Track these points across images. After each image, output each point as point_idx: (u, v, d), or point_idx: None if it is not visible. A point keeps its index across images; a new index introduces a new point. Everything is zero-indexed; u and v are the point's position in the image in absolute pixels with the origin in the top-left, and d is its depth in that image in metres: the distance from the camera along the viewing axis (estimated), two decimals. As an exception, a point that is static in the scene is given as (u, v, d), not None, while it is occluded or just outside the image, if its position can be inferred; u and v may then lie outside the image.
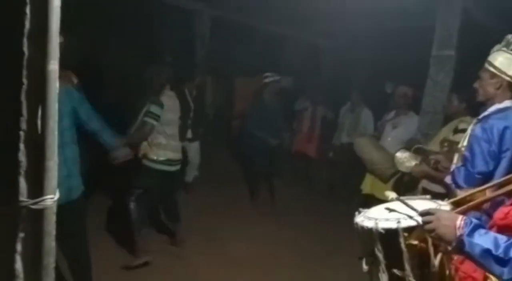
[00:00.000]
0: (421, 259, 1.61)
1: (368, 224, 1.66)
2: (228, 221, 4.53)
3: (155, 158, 3.56)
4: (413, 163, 3.30)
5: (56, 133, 1.35)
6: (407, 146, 3.53)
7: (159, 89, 3.53)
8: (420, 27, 4.38)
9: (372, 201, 4.07)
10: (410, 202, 1.74)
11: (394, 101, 4.27)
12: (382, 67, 6.14)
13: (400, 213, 1.67)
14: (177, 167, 3.79)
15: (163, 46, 6.11)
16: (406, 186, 3.58)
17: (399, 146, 4.00)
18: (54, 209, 1.37)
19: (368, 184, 4.19)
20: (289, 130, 6.13)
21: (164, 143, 3.59)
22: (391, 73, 5.24)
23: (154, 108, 3.41)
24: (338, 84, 6.50)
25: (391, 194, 1.94)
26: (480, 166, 2.17)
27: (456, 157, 2.46)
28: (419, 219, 1.53)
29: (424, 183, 3.30)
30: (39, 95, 1.30)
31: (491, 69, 2.23)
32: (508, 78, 2.19)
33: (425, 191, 3.02)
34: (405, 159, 3.34)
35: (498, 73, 2.21)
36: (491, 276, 1.45)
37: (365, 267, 1.74)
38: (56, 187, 1.38)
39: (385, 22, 5.24)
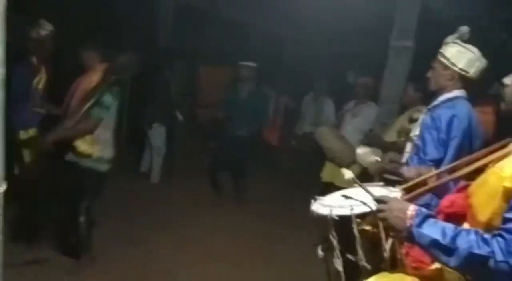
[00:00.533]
0: (373, 243, 1.67)
1: (323, 211, 1.70)
2: (193, 211, 4.50)
3: (99, 156, 3.08)
4: (373, 158, 3.38)
5: (1, 124, 1.30)
6: (366, 140, 3.64)
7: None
8: (381, 18, 4.47)
9: (331, 188, 4.17)
10: (366, 187, 1.80)
11: (355, 90, 4.36)
12: (343, 57, 6.23)
13: (355, 199, 1.71)
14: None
15: (124, 32, 5.94)
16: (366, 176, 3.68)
17: (358, 135, 4.14)
18: (1, 201, 1.33)
19: (327, 172, 4.28)
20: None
21: (110, 140, 3.17)
22: (352, 63, 5.34)
23: (107, 98, 2.99)
24: (300, 74, 6.56)
25: (348, 173, 1.98)
26: (432, 153, 2.26)
27: (409, 146, 2.55)
28: (372, 205, 1.58)
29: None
30: None
31: (443, 60, 2.32)
32: (458, 70, 2.28)
33: (383, 179, 3.12)
34: (366, 155, 3.43)
35: (450, 65, 2.29)
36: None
37: (320, 253, 1.79)
38: (3, 178, 1.32)
39: (346, 12, 5.30)
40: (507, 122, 1.50)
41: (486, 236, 1.22)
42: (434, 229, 1.30)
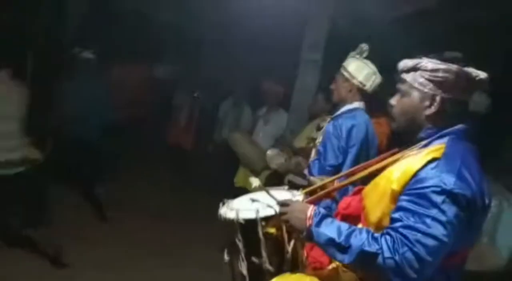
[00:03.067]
0: (276, 246, 1.73)
1: (230, 215, 1.72)
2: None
3: None
4: (282, 160, 3.56)
5: None
6: (276, 144, 3.78)
7: None
8: (294, 30, 4.66)
9: (244, 193, 4.23)
10: (271, 192, 1.86)
11: (265, 97, 4.51)
12: (258, 64, 6.36)
13: (261, 202, 1.76)
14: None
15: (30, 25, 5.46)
16: (276, 178, 3.81)
17: (270, 141, 4.28)
18: None
19: (240, 177, 4.35)
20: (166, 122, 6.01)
21: None
22: (265, 71, 5.47)
23: None
24: (216, 77, 6.56)
25: (255, 181, 2.04)
26: (331, 159, 2.43)
27: (313, 152, 2.70)
28: (276, 208, 1.64)
29: (290, 177, 3.55)
30: None
31: (345, 73, 2.50)
32: (357, 83, 2.48)
33: (290, 183, 3.25)
34: (275, 157, 3.59)
35: (350, 78, 2.48)
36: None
37: (226, 257, 1.80)
38: None
39: (262, 20, 5.44)
40: (398, 134, 1.64)
41: (376, 235, 1.32)
42: (330, 228, 1.38)
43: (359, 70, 2.46)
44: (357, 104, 2.54)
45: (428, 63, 1.38)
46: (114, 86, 5.32)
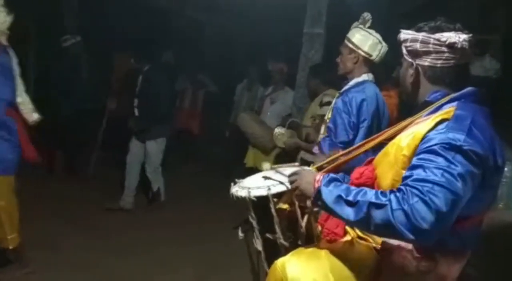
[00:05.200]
0: (290, 221, 1.74)
1: (242, 193, 1.73)
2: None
3: None
4: (290, 138, 3.55)
5: None
6: (283, 122, 3.76)
7: None
8: (295, 5, 4.58)
9: (254, 173, 4.24)
10: (281, 170, 1.86)
11: (271, 76, 4.47)
12: (261, 43, 6.30)
13: (272, 180, 1.76)
14: None
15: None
16: (287, 157, 3.81)
17: (277, 120, 4.26)
18: None
19: (251, 158, 4.36)
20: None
21: None
22: (270, 49, 5.41)
23: None
24: (220, 60, 6.53)
25: (266, 165, 2.05)
26: (342, 136, 2.40)
27: (323, 128, 2.67)
28: (287, 184, 1.64)
29: (302, 154, 3.55)
30: None
31: (349, 44, 2.45)
32: (363, 54, 2.43)
33: (302, 161, 3.25)
34: (282, 135, 3.58)
35: (355, 49, 2.43)
36: (349, 230, 1.62)
37: (240, 234, 1.82)
38: None
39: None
40: (408, 105, 1.64)
41: (386, 191, 1.31)
42: (339, 188, 1.38)
43: (364, 40, 2.41)
44: (365, 76, 2.49)
45: (402, 34, 1.48)
46: (118, 73, 5.32)
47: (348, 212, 1.32)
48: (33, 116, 2.85)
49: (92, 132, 5.21)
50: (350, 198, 1.32)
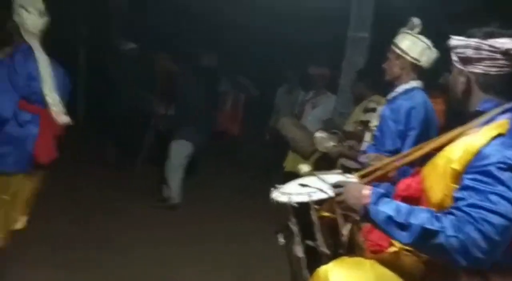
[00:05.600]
0: (331, 229, 1.71)
1: (283, 199, 1.71)
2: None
3: None
4: (330, 143, 3.48)
5: None
6: (325, 127, 3.71)
7: None
8: (339, 7, 4.53)
9: (293, 178, 4.22)
10: (323, 176, 1.83)
11: (313, 81, 4.44)
12: (303, 47, 6.27)
13: (312, 187, 1.74)
14: None
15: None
16: (327, 162, 3.76)
17: (318, 125, 4.22)
18: None
19: (290, 162, 4.34)
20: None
21: None
22: (311, 53, 5.37)
23: None
24: (261, 63, 6.55)
25: (304, 167, 2.02)
26: (389, 144, 2.33)
27: (368, 136, 2.61)
28: (329, 191, 1.61)
29: (343, 160, 3.49)
30: None
31: (396, 50, 2.39)
32: (411, 59, 2.36)
33: (343, 167, 3.20)
34: (323, 140, 3.52)
35: (403, 54, 2.37)
36: (395, 243, 1.58)
37: (281, 240, 1.80)
38: None
39: (305, 1, 5.34)
40: (455, 112, 1.58)
41: (438, 214, 1.26)
42: (389, 207, 1.33)
43: (412, 46, 2.34)
44: (414, 83, 2.41)
45: (452, 41, 1.43)
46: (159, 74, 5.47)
47: (399, 235, 1.29)
48: (62, 118, 2.73)
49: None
50: (401, 220, 1.28)
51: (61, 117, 2.67)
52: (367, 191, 1.41)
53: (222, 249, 3.64)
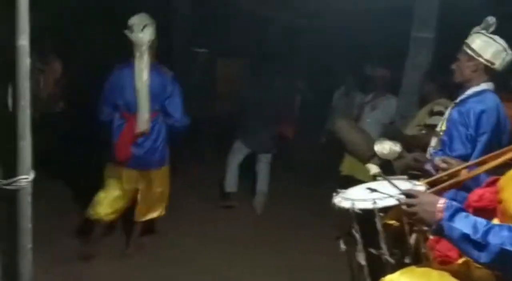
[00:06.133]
0: (396, 238, 1.65)
1: (345, 204, 1.68)
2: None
3: None
4: (393, 151, 3.28)
5: (28, 112, 1.29)
6: (385, 131, 3.58)
7: None
8: (401, 8, 4.39)
9: (351, 182, 4.14)
10: (392, 181, 1.77)
11: (372, 82, 4.32)
12: (361, 49, 6.13)
13: (378, 192, 1.69)
14: None
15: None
16: (385, 168, 3.63)
17: (377, 128, 4.10)
18: (29, 190, 1.33)
19: (346, 166, 4.26)
20: None
21: None
22: (370, 54, 5.25)
23: None
24: (317, 65, 6.48)
25: (373, 168, 1.96)
26: (458, 150, 2.21)
27: (434, 141, 2.50)
28: (395, 198, 1.56)
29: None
30: (9, 73, 1.25)
31: (469, 51, 2.26)
32: (484, 61, 2.22)
33: (409, 174, 3.08)
34: (385, 148, 3.34)
35: (475, 56, 2.24)
36: (466, 255, 1.50)
37: (343, 247, 1.78)
38: (30, 167, 1.33)
39: (363, 2, 5.22)
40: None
41: None
42: (465, 223, 1.27)
43: (486, 47, 2.20)
44: (485, 86, 2.27)
45: None
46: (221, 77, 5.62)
47: (476, 254, 1.23)
48: (144, 125, 3.11)
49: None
50: (479, 238, 1.22)
51: (143, 125, 3.08)
52: (441, 204, 1.35)
53: (274, 254, 3.62)
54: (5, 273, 1.34)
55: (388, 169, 3.39)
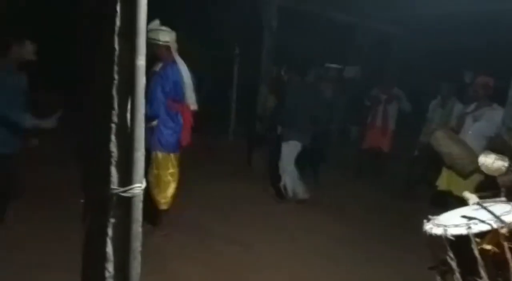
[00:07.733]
0: (496, 264, 1.56)
1: (437, 231, 1.63)
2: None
3: None
4: (500, 166, 2.95)
5: (143, 125, 1.40)
6: (490, 144, 3.29)
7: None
8: (504, 11, 4.03)
9: (448, 197, 3.89)
10: (486, 205, 1.68)
11: (474, 92, 4.01)
12: (457, 55, 5.73)
13: (473, 218, 1.61)
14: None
15: (230, 35, 6.33)
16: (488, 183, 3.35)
17: (481, 141, 3.77)
18: (141, 197, 1.43)
19: (444, 180, 4.01)
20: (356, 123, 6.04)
21: None
22: (467, 61, 4.89)
23: None
24: (411, 75, 6.19)
25: (472, 198, 1.86)
26: None
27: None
28: (493, 223, 1.47)
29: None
30: (129, 89, 1.37)
31: None
32: None
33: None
34: (491, 162, 3.03)
35: None
36: None
37: (438, 278, 1.70)
38: (143, 176, 1.44)
39: (459, 6, 4.88)
40: None
41: None
42: None
43: None
44: None
45: None
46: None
47: None
48: (194, 106, 3.66)
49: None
50: None
51: (194, 106, 3.67)
52: None
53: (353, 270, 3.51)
54: (117, 273, 1.44)
55: (489, 183, 3.13)
